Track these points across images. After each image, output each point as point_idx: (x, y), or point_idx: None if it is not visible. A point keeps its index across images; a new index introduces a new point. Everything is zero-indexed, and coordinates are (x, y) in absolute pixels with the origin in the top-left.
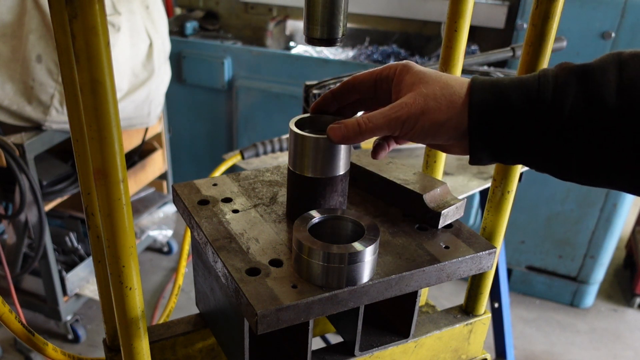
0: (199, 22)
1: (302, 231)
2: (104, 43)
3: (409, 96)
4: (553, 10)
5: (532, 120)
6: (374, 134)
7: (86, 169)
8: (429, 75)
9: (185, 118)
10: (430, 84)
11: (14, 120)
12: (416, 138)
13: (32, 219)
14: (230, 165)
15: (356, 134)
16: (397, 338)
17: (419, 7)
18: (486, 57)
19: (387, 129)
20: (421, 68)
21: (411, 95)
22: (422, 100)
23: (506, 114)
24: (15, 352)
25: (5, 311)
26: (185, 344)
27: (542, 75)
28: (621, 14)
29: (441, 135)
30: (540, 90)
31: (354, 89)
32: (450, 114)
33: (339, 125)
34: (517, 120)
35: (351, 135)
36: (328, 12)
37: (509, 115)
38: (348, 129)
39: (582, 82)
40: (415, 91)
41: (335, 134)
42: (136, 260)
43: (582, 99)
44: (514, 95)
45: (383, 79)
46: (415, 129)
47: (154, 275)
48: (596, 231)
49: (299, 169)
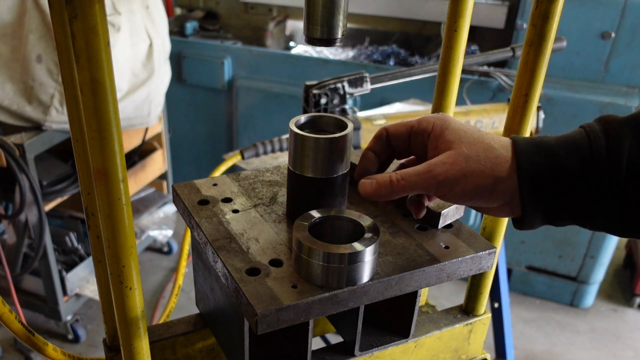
0: (199, 22)
1: (302, 231)
2: (104, 43)
3: (447, 155)
4: (553, 10)
5: (589, 181)
6: (407, 193)
7: (86, 169)
8: (470, 134)
9: (185, 118)
10: (472, 145)
11: (14, 120)
12: (456, 200)
13: (32, 219)
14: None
15: (388, 192)
16: (397, 338)
17: (419, 7)
18: (486, 57)
19: (421, 188)
20: (460, 124)
21: (451, 154)
22: (463, 162)
23: (560, 177)
24: (15, 352)
25: (5, 311)
26: (185, 344)
27: (590, 131)
28: (621, 14)
29: (485, 199)
30: (592, 147)
31: (387, 142)
32: (496, 178)
33: (370, 181)
34: (572, 183)
35: (383, 192)
36: (328, 12)
37: (563, 178)
38: (380, 187)
39: (635, 134)
40: (455, 150)
41: (365, 190)
42: (136, 260)
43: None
44: (566, 156)
45: (418, 132)
46: (454, 191)
47: (154, 275)
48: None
49: (299, 169)
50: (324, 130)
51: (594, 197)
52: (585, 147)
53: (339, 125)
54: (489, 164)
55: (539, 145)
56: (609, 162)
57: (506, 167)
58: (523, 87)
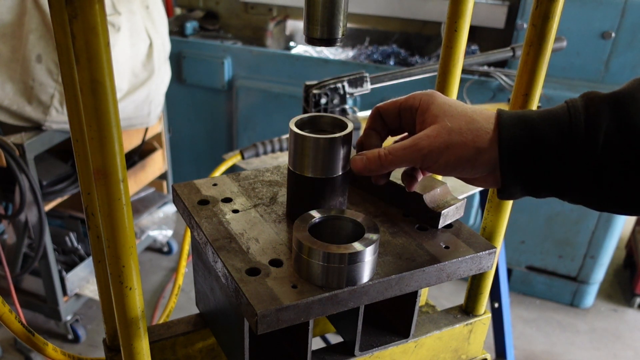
0: (199, 22)
1: (302, 231)
2: (104, 43)
3: (432, 129)
4: (553, 10)
5: (567, 154)
6: (395, 166)
7: (86, 169)
8: (454, 108)
9: (185, 118)
10: (455, 118)
11: (14, 120)
12: (441, 171)
13: (32, 219)
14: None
15: (377, 166)
16: (397, 338)
17: (419, 7)
18: (486, 57)
19: (408, 161)
20: (446, 99)
21: (435, 127)
22: (446, 134)
23: (539, 149)
24: (15, 352)
25: (5, 311)
26: (185, 344)
27: (572, 106)
28: (621, 14)
29: (467, 170)
30: (572, 122)
31: (382, 119)
32: (478, 150)
33: (360, 157)
34: (550, 155)
35: (372, 167)
36: (328, 12)
37: (541, 150)
38: (370, 161)
39: (613, 111)
40: (439, 124)
41: (356, 165)
42: (136, 260)
43: (615, 127)
44: (546, 129)
45: (407, 108)
46: (438, 163)
47: (154, 275)
48: (596, 231)
49: (299, 169)
50: (324, 130)
51: (571, 170)
52: (565, 122)
53: (339, 125)
54: (471, 136)
55: (521, 118)
56: (587, 136)
57: (487, 139)
58: (523, 87)
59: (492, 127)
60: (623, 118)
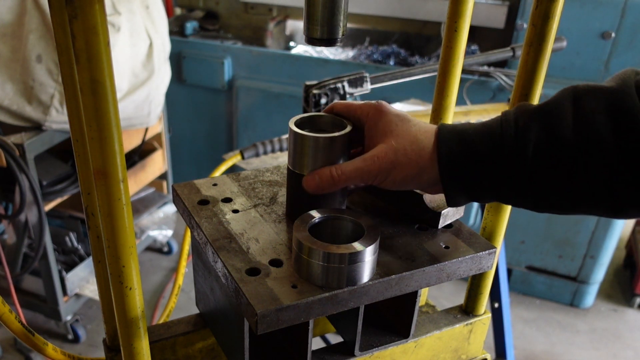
0: (199, 22)
1: (302, 231)
2: (104, 43)
3: (380, 149)
4: (553, 10)
5: (499, 165)
6: (348, 184)
7: (86, 169)
8: (400, 127)
9: (185, 118)
10: (400, 137)
11: (14, 120)
12: (390, 187)
13: (32, 219)
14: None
15: (330, 185)
16: (397, 338)
17: (419, 7)
18: (486, 57)
19: (360, 180)
20: (392, 115)
21: (382, 148)
22: (392, 155)
23: (474, 163)
24: (15, 352)
25: (5, 311)
26: (185, 344)
27: (504, 120)
28: (621, 14)
29: (414, 185)
30: (503, 135)
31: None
32: (421, 168)
33: (312, 176)
34: (485, 167)
35: (325, 185)
36: (328, 12)
37: (476, 163)
38: (322, 180)
39: (541, 122)
40: (387, 144)
41: (309, 184)
42: (136, 260)
43: (544, 139)
44: (479, 144)
45: (357, 118)
46: (387, 181)
47: (154, 275)
48: (596, 231)
49: (299, 168)
50: (324, 129)
51: (505, 178)
52: (496, 135)
53: (338, 125)
54: (414, 156)
55: (459, 134)
56: (516, 148)
57: (428, 157)
58: (523, 87)
59: (432, 145)
60: (550, 129)
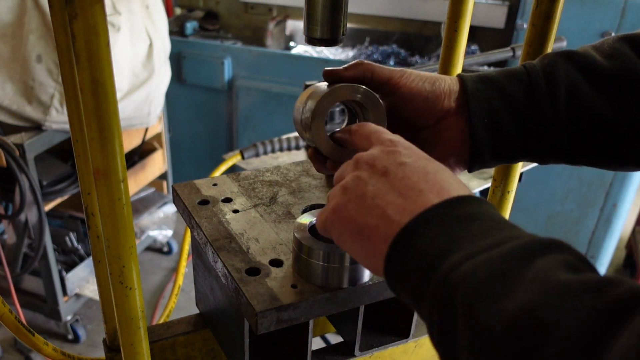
0: (199, 22)
1: (302, 231)
2: (104, 43)
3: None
4: (553, 10)
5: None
6: None
7: (86, 169)
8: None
9: (185, 118)
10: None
11: (14, 120)
12: None
13: (32, 219)
14: (230, 165)
15: None
16: (397, 338)
17: (419, 7)
18: (486, 57)
19: None
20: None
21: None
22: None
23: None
24: (15, 352)
25: (5, 311)
26: (185, 344)
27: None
28: (621, 14)
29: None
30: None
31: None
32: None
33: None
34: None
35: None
36: (328, 12)
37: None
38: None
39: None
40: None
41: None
42: (136, 260)
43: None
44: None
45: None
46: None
47: (154, 275)
48: (596, 231)
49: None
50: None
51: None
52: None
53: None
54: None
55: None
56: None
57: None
58: None
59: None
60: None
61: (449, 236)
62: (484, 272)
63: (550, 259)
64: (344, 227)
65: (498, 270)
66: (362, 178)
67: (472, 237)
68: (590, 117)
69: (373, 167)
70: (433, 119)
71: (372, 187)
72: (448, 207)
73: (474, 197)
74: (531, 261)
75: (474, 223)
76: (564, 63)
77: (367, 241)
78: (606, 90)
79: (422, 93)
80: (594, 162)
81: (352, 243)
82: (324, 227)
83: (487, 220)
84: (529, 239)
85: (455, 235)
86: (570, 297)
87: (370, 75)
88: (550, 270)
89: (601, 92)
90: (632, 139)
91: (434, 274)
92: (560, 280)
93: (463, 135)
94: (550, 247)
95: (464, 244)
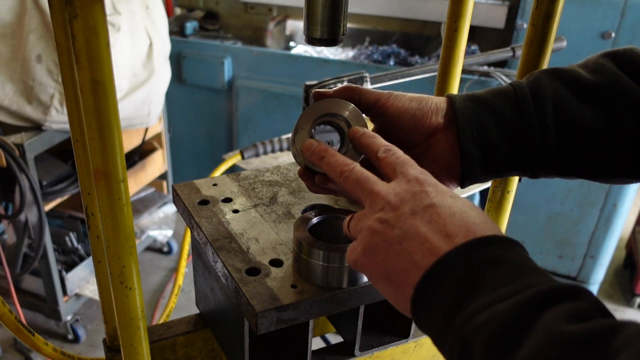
0: (199, 22)
1: (302, 231)
2: (104, 43)
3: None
4: (553, 10)
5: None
6: None
7: (86, 169)
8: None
9: (185, 118)
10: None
11: (14, 120)
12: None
13: (32, 219)
14: (230, 165)
15: None
16: (397, 338)
17: (419, 7)
18: (486, 57)
19: None
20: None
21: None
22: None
23: (489, 110)
24: (15, 352)
25: (5, 311)
26: (185, 344)
27: (512, 82)
28: (621, 14)
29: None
30: (515, 89)
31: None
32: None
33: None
34: (501, 113)
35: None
36: (328, 12)
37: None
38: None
39: (551, 75)
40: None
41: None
42: (136, 260)
43: (560, 84)
44: (494, 100)
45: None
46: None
47: (154, 275)
48: (596, 231)
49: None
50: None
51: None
52: (509, 90)
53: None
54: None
55: (470, 96)
56: (532, 94)
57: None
58: None
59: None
60: (564, 77)
61: (469, 282)
62: (498, 323)
63: (560, 308)
64: (374, 270)
65: (511, 321)
66: (389, 222)
67: (493, 283)
68: (578, 129)
69: (399, 209)
70: (422, 136)
71: (400, 232)
72: (471, 249)
73: (497, 238)
74: (542, 310)
75: (496, 267)
76: (549, 78)
77: (396, 286)
78: (592, 102)
79: (410, 111)
80: (585, 175)
81: (382, 286)
82: (355, 266)
83: (509, 264)
84: (546, 287)
85: (476, 281)
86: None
87: (359, 98)
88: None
89: (587, 103)
90: (621, 149)
91: (454, 321)
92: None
93: (453, 150)
94: (564, 294)
95: (485, 290)
